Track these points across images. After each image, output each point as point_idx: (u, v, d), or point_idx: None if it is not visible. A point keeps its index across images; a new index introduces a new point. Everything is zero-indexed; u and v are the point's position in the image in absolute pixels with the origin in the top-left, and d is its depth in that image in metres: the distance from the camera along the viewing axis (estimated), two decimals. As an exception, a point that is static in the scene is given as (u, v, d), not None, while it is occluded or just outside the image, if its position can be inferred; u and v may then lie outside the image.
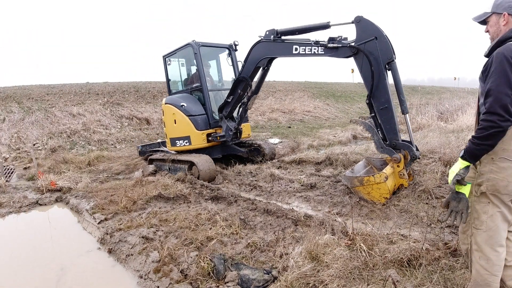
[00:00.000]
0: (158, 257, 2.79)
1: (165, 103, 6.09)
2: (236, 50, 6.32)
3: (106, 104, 11.63)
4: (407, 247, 2.48)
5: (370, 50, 3.78)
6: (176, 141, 5.93)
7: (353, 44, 3.91)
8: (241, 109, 5.73)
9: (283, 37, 4.67)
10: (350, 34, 4.06)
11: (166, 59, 6.39)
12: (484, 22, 1.84)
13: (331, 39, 4.10)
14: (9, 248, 3.53)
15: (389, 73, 3.85)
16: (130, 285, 2.65)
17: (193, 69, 6.51)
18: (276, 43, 4.70)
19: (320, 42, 4.21)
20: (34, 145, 8.51)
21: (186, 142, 5.79)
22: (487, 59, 1.72)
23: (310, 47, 4.32)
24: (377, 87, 3.83)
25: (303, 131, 11.22)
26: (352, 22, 3.86)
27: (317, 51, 4.26)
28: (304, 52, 4.41)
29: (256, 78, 5.33)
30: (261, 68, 5.10)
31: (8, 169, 6.67)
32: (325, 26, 4.23)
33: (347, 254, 2.50)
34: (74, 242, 3.55)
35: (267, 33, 4.77)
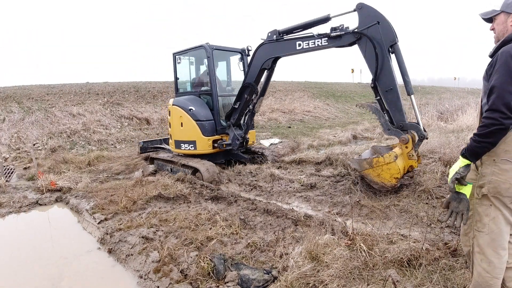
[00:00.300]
0: (158, 257, 2.79)
1: (173, 104, 5.99)
2: (248, 55, 6.23)
3: (106, 104, 11.63)
4: (407, 247, 2.48)
5: (373, 35, 3.82)
6: (181, 144, 5.89)
7: (356, 30, 3.95)
8: (247, 116, 5.72)
9: (285, 36, 4.68)
10: (350, 24, 4.10)
11: (176, 57, 6.29)
12: (490, 19, 1.80)
13: (333, 28, 4.14)
14: (9, 248, 3.53)
15: (393, 57, 3.88)
16: (130, 285, 2.65)
17: (202, 69, 6.46)
18: (279, 42, 4.71)
19: (323, 34, 4.23)
20: (34, 145, 8.51)
21: (191, 147, 5.76)
22: (491, 59, 1.69)
23: (314, 40, 4.33)
24: (381, 69, 3.86)
25: (303, 131, 11.23)
26: (354, 10, 3.91)
27: (321, 43, 4.27)
28: (308, 47, 4.41)
29: (262, 79, 5.33)
30: (266, 69, 5.09)
31: (8, 169, 6.67)
32: (326, 19, 4.24)
33: (347, 254, 2.50)
34: (74, 242, 3.54)
35: (269, 34, 4.77)
